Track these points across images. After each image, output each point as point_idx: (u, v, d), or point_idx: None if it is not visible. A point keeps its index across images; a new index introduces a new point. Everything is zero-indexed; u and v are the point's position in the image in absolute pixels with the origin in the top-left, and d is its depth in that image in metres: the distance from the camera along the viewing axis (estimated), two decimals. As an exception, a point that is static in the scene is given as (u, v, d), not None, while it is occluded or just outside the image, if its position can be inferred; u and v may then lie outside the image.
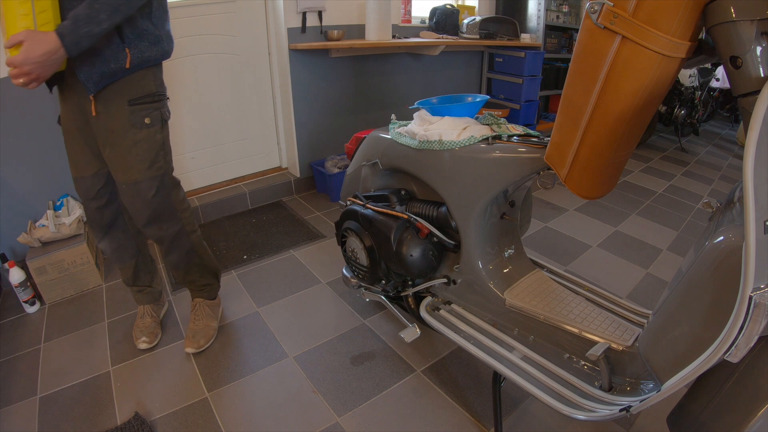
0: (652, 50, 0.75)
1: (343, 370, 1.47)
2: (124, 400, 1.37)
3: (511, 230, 1.31)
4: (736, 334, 0.68)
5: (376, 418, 1.30)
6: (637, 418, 1.29)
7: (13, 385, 1.43)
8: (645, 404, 0.86)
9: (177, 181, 1.42)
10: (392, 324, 1.67)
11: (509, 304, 1.19)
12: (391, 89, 3.08)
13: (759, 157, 0.62)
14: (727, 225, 0.74)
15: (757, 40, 0.65)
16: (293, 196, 2.82)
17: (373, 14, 2.59)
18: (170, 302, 1.82)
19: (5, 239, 1.92)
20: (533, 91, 3.44)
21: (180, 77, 2.34)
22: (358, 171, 1.53)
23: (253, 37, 2.55)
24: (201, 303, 1.61)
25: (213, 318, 1.62)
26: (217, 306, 1.68)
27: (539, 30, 3.48)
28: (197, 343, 1.53)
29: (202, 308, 1.60)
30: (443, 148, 1.19)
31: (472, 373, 1.45)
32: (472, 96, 1.37)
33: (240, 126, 2.67)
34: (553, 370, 1.06)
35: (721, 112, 5.54)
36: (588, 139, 0.88)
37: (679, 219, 2.60)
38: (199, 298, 1.62)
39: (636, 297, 1.85)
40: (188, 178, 2.56)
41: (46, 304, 1.83)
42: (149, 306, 1.64)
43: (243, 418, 1.31)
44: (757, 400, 0.73)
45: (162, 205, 1.36)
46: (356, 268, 1.44)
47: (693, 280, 0.78)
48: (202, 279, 1.58)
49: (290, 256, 2.15)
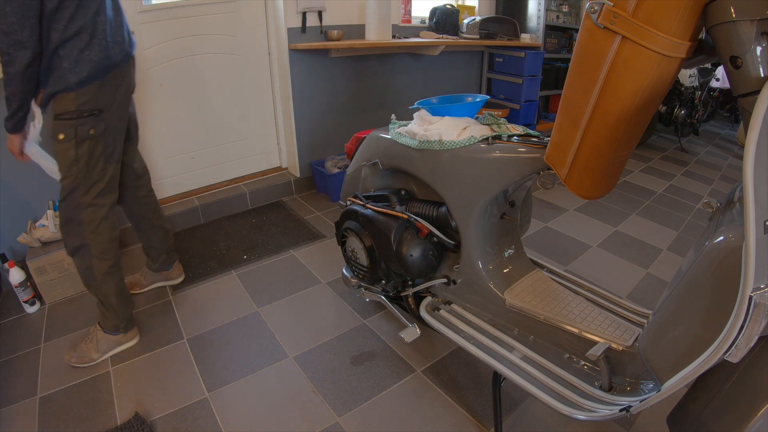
0: (652, 50, 0.75)
1: (343, 370, 1.47)
2: (124, 400, 1.37)
3: (511, 230, 1.31)
4: (736, 334, 0.68)
5: (376, 418, 1.30)
6: (637, 418, 1.29)
7: (13, 385, 1.44)
8: (645, 404, 0.86)
9: (92, 203, 1.38)
10: (392, 324, 1.67)
11: (509, 304, 1.19)
12: (391, 89, 3.08)
13: (759, 157, 0.62)
14: (727, 225, 0.74)
15: (757, 40, 0.65)
16: (293, 196, 2.82)
17: (373, 14, 2.59)
18: (171, 302, 1.82)
19: (5, 239, 1.92)
20: (533, 91, 3.44)
21: (180, 77, 2.34)
22: (358, 171, 1.53)
23: (253, 37, 2.55)
24: (96, 330, 1.53)
25: (95, 350, 1.51)
26: (113, 342, 1.54)
27: (539, 30, 3.48)
28: (69, 358, 1.50)
29: (94, 335, 1.53)
30: (443, 148, 1.19)
31: (472, 373, 1.45)
32: (472, 96, 1.37)
33: (240, 126, 2.66)
34: (553, 370, 1.06)
35: (721, 112, 5.54)
36: (588, 139, 0.88)
37: (679, 219, 2.60)
38: (98, 323, 1.54)
39: (636, 297, 1.85)
40: (188, 178, 2.56)
41: (46, 304, 1.83)
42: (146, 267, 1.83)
43: (243, 418, 1.31)
44: (757, 400, 0.73)
45: (70, 213, 1.38)
46: (356, 268, 1.44)
47: (693, 280, 0.78)
48: (101, 306, 1.51)
49: (290, 256, 2.15)
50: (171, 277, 1.90)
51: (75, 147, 1.31)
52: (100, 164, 1.37)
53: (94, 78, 1.28)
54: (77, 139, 1.31)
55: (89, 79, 1.27)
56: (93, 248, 1.42)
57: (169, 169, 2.47)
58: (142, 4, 2.13)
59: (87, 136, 1.32)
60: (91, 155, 1.34)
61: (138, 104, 2.22)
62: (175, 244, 1.89)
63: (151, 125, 2.32)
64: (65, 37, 1.21)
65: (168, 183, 2.49)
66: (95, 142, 1.34)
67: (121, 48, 1.35)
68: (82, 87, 1.27)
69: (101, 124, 1.34)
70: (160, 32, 2.22)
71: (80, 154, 1.32)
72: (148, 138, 2.33)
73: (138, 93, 2.21)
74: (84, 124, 1.30)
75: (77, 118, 1.29)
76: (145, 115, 2.29)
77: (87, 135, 1.32)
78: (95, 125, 1.33)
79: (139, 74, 2.20)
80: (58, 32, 1.20)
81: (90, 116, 1.31)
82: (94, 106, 1.31)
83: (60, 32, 1.20)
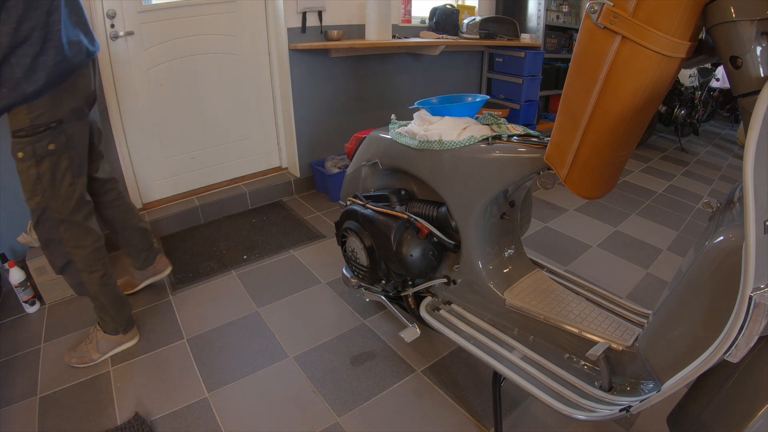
0: (652, 50, 0.75)
1: (343, 370, 1.47)
2: (124, 400, 1.37)
3: (511, 230, 1.31)
4: (736, 334, 0.68)
5: (376, 418, 1.30)
6: (637, 418, 1.29)
7: (13, 385, 1.43)
8: (645, 404, 0.86)
9: (68, 219, 1.33)
10: (392, 324, 1.67)
11: (509, 304, 1.19)
12: (391, 89, 3.08)
13: (759, 157, 0.62)
14: (727, 225, 0.74)
15: (757, 40, 0.65)
16: (293, 196, 2.82)
17: (373, 14, 2.59)
18: (171, 302, 1.82)
19: (5, 239, 1.92)
20: (533, 91, 3.44)
21: (180, 77, 2.34)
22: (358, 171, 1.53)
23: (253, 37, 2.55)
24: (96, 330, 1.54)
25: (95, 350, 1.51)
26: (113, 342, 1.54)
27: (539, 30, 3.48)
28: (69, 359, 1.50)
29: (94, 335, 1.53)
30: (443, 148, 1.19)
31: (472, 373, 1.45)
32: (472, 96, 1.37)
33: (240, 126, 2.66)
34: (553, 370, 1.06)
35: (721, 112, 5.54)
36: (588, 139, 0.88)
37: (679, 219, 2.60)
38: (97, 325, 1.54)
39: (636, 297, 1.85)
40: (188, 178, 2.56)
41: (46, 304, 1.83)
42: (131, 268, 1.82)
43: (243, 418, 1.31)
44: (757, 400, 0.73)
45: (47, 234, 1.32)
46: (356, 268, 1.44)
47: (693, 280, 0.78)
48: (98, 311, 1.51)
49: (290, 256, 2.15)
50: (158, 271, 1.87)
51: (35, 165, 1.22)
52: (67, 179, 1.28)
53: (52, 85, 1.17)
54: (36, 158, 1.21)
55: (47, 87, 1.16)
56: (79, 263, 1.38)
57: (169, 169, 2.47)
58: (142, 4, 2.13)
59: (46, 153, 1.22)
60: (54, 171, 1.25)
61: (138, 104, 2.24)
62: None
63: (151, 125, 2.33)
64: (16, 41, 1.09)
65: (168, 183, 2.49)
66: (57, 158, 1.24)
67: (80, 48, 1.23)
68: (40, 97, 1.16)
69: (61, 136, 1.23)
70: (160, 32, 2.22)
71: (42, 172, 1.23)
72: (148, 138, 2.34)
73: (138, 93, 2.23)
74: (41, 140, 1.20)
75: (33, 135, 1.19)
76: (145, 115, 2.29)
77: (46, 151, 1.21)
78: (54, 139, 1.22)
79: (140, 74, 2.21)
80: (7, 36, 1.07)
81: (47, 130, 1.20)
82: (50, 118, 1.20)
83: (9, 36, 1.07)
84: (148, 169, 2.39)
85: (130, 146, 2.28)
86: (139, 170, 2.36)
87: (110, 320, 1.51)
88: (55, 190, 1.27)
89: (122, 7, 2.07)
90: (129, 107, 2.22)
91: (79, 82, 1.26)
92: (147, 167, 2.38)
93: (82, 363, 1.50)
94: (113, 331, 1.53)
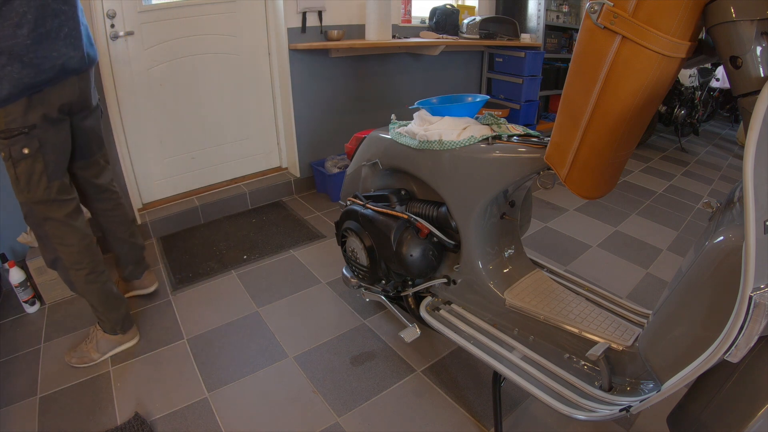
0: (652, 50, 0.75)
1: (343, 370, 1.47)
2: (124, 400, 1.37)
3: (511, 230, 1.31)
4: (736, 334, 0.68)
5: (376, 418, 1.30)
6: (637, 418, 1.29)
7: (13, 385, 1.43)
8: (645, 404, 0.86)
9: (51, 217, 1.35)
10: (392, 324, 1.67)
11: (509, 304, 1.19)
12: (391, 89, 3.08)
13: (759, 157, 0.62)
14: (727, 225, 0.74)
15: (757, 40, 0.65)
16: (293, 196, 2.82)
17: (373, 14, 2.59)
18: (171, 302, 1.82)
19: (5, 239, 1.92)
20: (533, 91, 3.44)
21: (180, 77, 2.34)
22: (358, 171, 1.53)
23: (253, 37, 2.55)
24: (95, 330, 1.54)
25: (96, 350, 1.52)
26: (113, 342, 1.55)
27: (539, 30, 3.48)
28: (69, 359, 1.50)
29: (94, 335, 1.53)
30: (443, 148, 1.19)
31: (472, 373, 1.45)
32: (472, 96, 1.37)
33: (240, 126, 2.66)
34: (553, 370, 1.06)
35: (721, 112, 5.54)
36: (588, 139, 0.88)
37: (679, 219, 2.60)
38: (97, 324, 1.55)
39: (636, 297, 1.85)
40: (188, 178, 2.56)
41: (46, 304, 1.83)
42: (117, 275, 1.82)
43: (243, 418, 1.31)
44: (757, 400, 0.73)
45: (35, 229, 1.38)
46: (356, 268, 1.44)
47: (693, 280, 0.78)
48: (93, 311, 1.51)
49: (290, 256, 2.15)
50: (143, 286, 1.85)
51: (12, 167, 1.26)
52: (43, 182, 1.30)
53: (16, 96, 1.18)
54: (13, 160, 1.25)
55: (12, 98, 1.18)
56: (65, 260, 1.40)
57: (169, 169, 2.47)
58: (142, 4, 2.13)
59: (21, 156, 1.25)
60: (30, 174, 1.28)
61: (138, 104, 2.24)
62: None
63: (152, 125, 2.33)
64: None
65: (168, 183, 2.49)
66: (32, 161, 1.27)
67: (57, 63, 1.23)
68: (5, 105, 1.18)
69: (34, 141, 1.25)
70: (160, 32, 2.22)
71: (19, 173, 1.27)
72: (148, 138, 2.34)
73: (138, 93, 2.23)
74: (16, 144, 1.23)
75: (8, 138, 1.22)
76: (145, 115, 2.29)
77: (21, 155, 1.25)
78: (28, 144, 1.24)
79: (140, 74, 2.21)
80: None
81: (20, 135, 1.23)
82: (23, 123, 1.22)
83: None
84: (147, 169, 2.39)
85: (130, 146, 2.28)
86: (139, 170, 2.36)
87: (105, 320, 1.51)
88: (31, 191, 1.30)
89: (122, 7, 2.07)
90: (129, 107, 2.22)
91: (54, 92, 1.27)
92: (147, 167, 2.38)
93: (82, 363, 1.50)
94: (111, 330, 1.53)
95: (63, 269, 1.42)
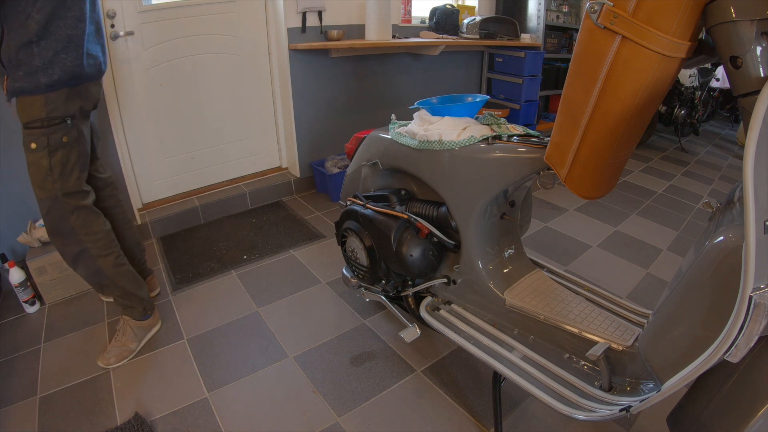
0: (652, 50, 0.75)
1: (343, 370, 1.47)
2: (124, 400, 1.37)
3: (511, 230, 1.31)
4: (736, 334, 0.68)
5: (376, 418, 1.30)
6: (637, 418, 1.29)
7: (13, 385, 1.43)
8: (645, 404, 0.86)
9: (79, 206, 1.37)
10: (392, 324, 1.67)
11: (509, 304, 1.19)
12: (391, 89, 3.08)
13: (759, 157, 0.62)
14: (727, 225, 0.74)
15: (757, 40, 0.65)
16: (293, 196, 2.82)
17: (373, 14, 2.59)
18: (171, 302, 1.82)
19: (5, 239, 1.92)
20: (533, 91, 3.44)
21: (180, 77, 2.34)
22: (358, 171, 1.53)
23: (253, 37, 2.55)
24: (126, 321, 1.56)
25: (133, 339, 1.55)
26: (145, 328, 1.59)
27: (539, 30, 3.48)
28: (107, 361, 1.50)
29: (126, 327, 1.55)
30: (443, 148, 1.19)
31: (472, 373, 1.45)
32: (472, 96, 1.37)
33: (240, 126, 2.66)
34: (553, 370, 1.06)
35: (721, 112, 5.54)
36: (588, 139, 0.88)
37: (679, 219, 2.60)
38: (125, 315, 1.57)
39: (636, 297, 1.85)
40: (188, 178, 2.56)
41: (46, 304, 1.83)
42: None
43: (243, 418, 1.31)
44: (757, 400, 0.73)
45: (58, 224, 1.36)
46: (356, 268, 1.44)
47: (693, 280, 0.78)
48: (122, 299, 1.53)
49: (290, 256, 2.15)
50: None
51: (48, 156, 1.26)
52: (75, 172, 1.33)
53: (64, 84, 1.23)
54: (50, 148, 1.26)
55: (59, 84, 1.22)
56: (92, 249, 1.41)
57: (169, 169, 2.47)
58: (142, 4, 2.13)
59: (60, 144, 1.27)
60: (65, 163, 1.30)
61: (138, 104, 2.24)
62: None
63: (152, 125, 2.33)
64: (43, 33, 1.15)
65: (168, 183, 2.49)
66: (69, 150, 1.30)
67: (95, 62, 1.32)
68: (51, 91, 1.21)
69: (73, 131, 1.29)
70: (160, 32, 2.22)
71: (54, 163, 1.27)
72: (148, 138, 2.34)
73: (138, 93, 2.23)
74: (56, 132, 1.26)
75: (48, 126, 1.24)
76: (145, 115, 2.29)
77: (60, 143, 1.27)
78: (67, 132, 1.28)
79: (140, 74, 2.21)
80: (37, 24, 1.14)
81: (61, 123, 1.26)
82: (64, 113, 1.26)
83: (38, 25, 1.14)
84: (147, 169, 2.39)
85: (130, 146, 2.28)
86: (139, 170, 2.36)
87: (137, 302, 1.54)
88: (64, 182, 1.32)
89: (122, 7, 2.07)
90: (129, 107, 2.22)
91: (91, 88, 1.35)
92: (147, 167, 2.38)
93: (122, 358, 1.52)
94: (141, 314, 1.56)
95: (90, 260, 1.43)
